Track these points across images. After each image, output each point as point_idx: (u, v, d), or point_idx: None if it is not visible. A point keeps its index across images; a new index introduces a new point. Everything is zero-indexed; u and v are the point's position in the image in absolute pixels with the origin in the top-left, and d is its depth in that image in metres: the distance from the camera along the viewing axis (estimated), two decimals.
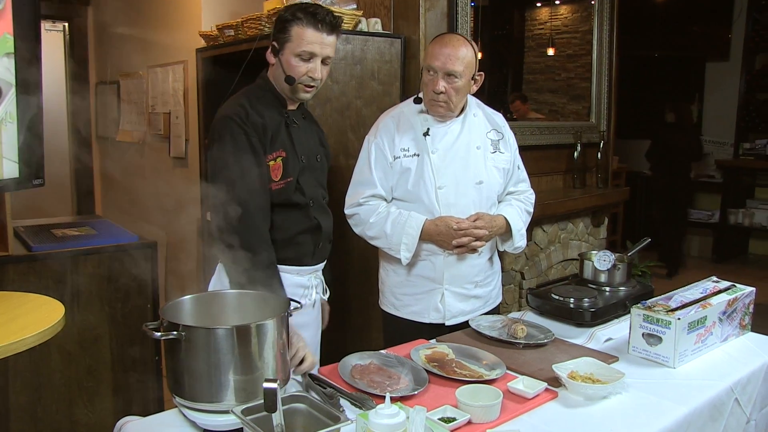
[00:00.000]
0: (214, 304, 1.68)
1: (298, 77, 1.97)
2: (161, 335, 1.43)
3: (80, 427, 2.41)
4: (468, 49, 2.15)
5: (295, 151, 2.01)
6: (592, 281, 2.41)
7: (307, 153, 2.06)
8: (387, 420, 1.21)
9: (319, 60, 1.97)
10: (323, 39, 1.96)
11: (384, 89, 3.08)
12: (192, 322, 1.61)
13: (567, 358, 1.84)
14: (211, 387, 1.42)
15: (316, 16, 1.94)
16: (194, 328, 1.44)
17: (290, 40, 1.95)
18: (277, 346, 1.48)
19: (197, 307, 1.65)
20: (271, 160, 1.96)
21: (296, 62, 1.96)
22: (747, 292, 2.14)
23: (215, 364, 1.42)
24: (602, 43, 4.26)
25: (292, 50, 1.95)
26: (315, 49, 1.95)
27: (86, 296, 2.37)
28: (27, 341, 1.46)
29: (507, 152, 2.33)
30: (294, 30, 1.95)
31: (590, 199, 3.95)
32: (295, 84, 1.98)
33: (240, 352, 1.42)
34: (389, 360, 1.82)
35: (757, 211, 6.94)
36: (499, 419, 1.52)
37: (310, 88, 2.01)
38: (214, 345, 1.41)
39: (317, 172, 2.11)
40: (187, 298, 1.65)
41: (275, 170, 1.97)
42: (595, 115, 4.29)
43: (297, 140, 2.03)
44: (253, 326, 1.45)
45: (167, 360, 1.50)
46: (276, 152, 1.97)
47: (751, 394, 1.88)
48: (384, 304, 2.41)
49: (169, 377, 1.51)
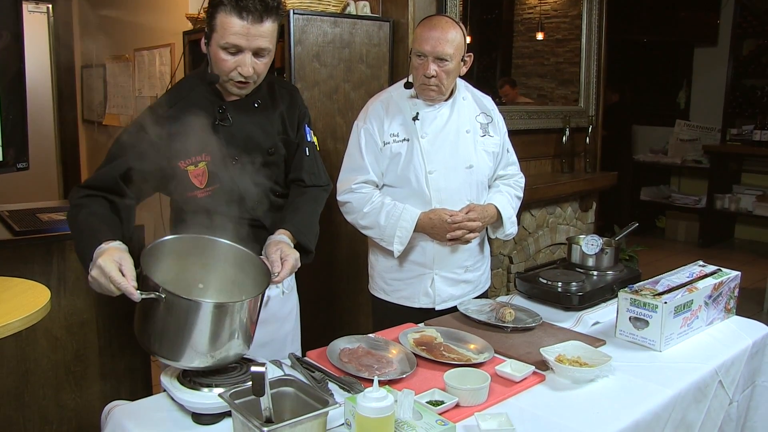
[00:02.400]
0: (196, 249, 1.66)
1: (226, 74, 1.73)
2: (141, 293, 1.43)
3: (68, 412, 2.40)
4: (457, 31, 2.13)
5: (224, 154, 1.78)
6: (580, 265, 2.42)
7: (248, 150, 1.84)
8: (375, 403, 1.21)
9: (249, 54, 1.71)
10: (250, 30, 1.68)
11: (372, 73, 3.06)
12: (169, 272, 1.60)
13: (554, 341, 1.85)
14: (181, 348, 1.45)
15: (239, 1, 1.66)
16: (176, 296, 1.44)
17: (215, 29, 1.70)
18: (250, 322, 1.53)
19: (178, 252, 1.63)
20: (189, 165, 1.76)
21: (223, 56, 1.71)
22: (732, 277, 2.16)
23: (188, 329, 1.44)
24: (591, 28, 4.26)
25: (218, 42, 1.70)
26: (240, 42, 1.69)
27: (73, 281, 2.35)
28: (12, 326, 1.44)
29: (496, 136, 2.33)
30: (219, 18, 1.69)
31: (578, 183, 3.97)
32: (221, 81, 1.76)
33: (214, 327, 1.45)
34: (378, 344, 1.82)
35: (743, 196, 6.99)
36: (486, 402, 1.53)
37: (243, 84, 1.76)
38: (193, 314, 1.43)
39: (269, 168, 1.90)
40: (169, 239, 1.62)
41: (197, 176, 1.77)
42: (583, 100, 4.30)
43: (229, 140, 1.81)
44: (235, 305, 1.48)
45: (140, 308, 1.50)
46: (196, 157, 1.76)
47: (734, 376, 1.90)
48: (374, 289, 2.41)
49: (138, 326, 1.53)
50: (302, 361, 1.73)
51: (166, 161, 1.73)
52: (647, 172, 7.65)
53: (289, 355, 1.77)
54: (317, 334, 2.23)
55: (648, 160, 7.68)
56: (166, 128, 1.71)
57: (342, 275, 3.12)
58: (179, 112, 1.75)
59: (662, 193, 7.70)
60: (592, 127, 4.23)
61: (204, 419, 1.44)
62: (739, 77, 7.11)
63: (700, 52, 7.63)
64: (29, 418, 2.32)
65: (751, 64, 7.04)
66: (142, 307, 1.49)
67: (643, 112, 7.87)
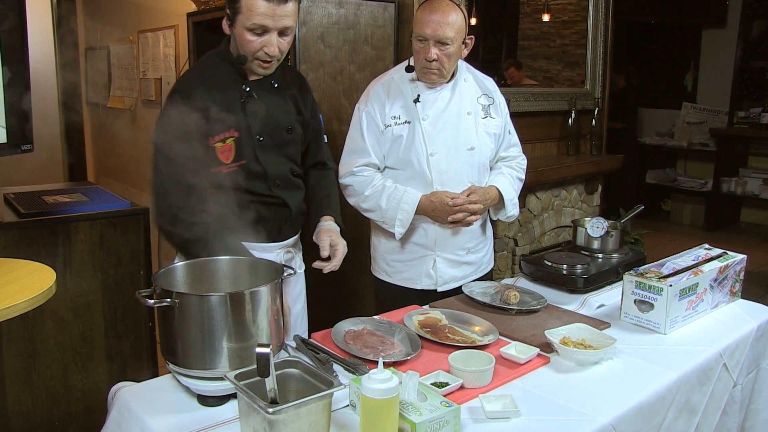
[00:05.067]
0: (207, 270, 1.67)
1: (252, 54, 1.80)
2: (154, 302, 1.42)
3: (75, 393, 2.42)
4: (457, 13, 2.11)
5: (250, 131, 1.87)
6: (585, 248, 2.41)
7: (270, 129, 1.91)
8: (380, 385, 1.21)
9: (275, 33, 1.78)
10: (276, 10, 1.75)
11: (377, 54, 3.04)
12: (185, 288, 1.60)
13: (559, 324, 1.85)
14: (204, 354, 1.42)
15: None
16: (187, 295, 1.44)
17: (241, 11, 1.76)
18: (270, 313, 1.48)
19: (190, 274, 1.64)
20: (218, 142, 1.81)
21: (249, 37, 1.77)
22: (738, 260, 2.15)
23: (209, 331, 1.41)
24: (598, 9, 4.21)
25: (243, 23, 1.77)
26: (267, 23, 1.75)
27: (78, 263, 2.36)
28: (18, 307, 1.45)
29: (498, 117, 2.31)
30: (244, 1, 1.75)
31: (584, 166, 3.95)
32: (248, 62, 1.82)
33: (234, 319, 1.42)
34: (382, 325, 1.83)
35: (749, 179, 6.95)
36: (491, 384, 1.54)
37: (268, 63, 1.83)
38: (208, 312, 1.41)
39: (287, 147, 1.97)
40: (180, 265, 1.64)
41: (224, 152, 1.82)
42: (589, 82, 4.26)
43: (254, 117, 1.87)
44: (246, 293, 1.44)
45: (161, 327, 1.50)
46: (225, 133, 1.82)
47: (738, 359, 1.90)
48: (376, 270, 2.41)
49: (162, 344, 1.51)
50: (307, 343, 1.74)
51: (198, 141, 1.77)
52: (653, 155, 7.61)
53: (294, 337, 1.77)
54: (322, 316, 2.24)
55: (654, 143, 7.63)
56: (197, 108, 1.76)
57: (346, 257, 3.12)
58: (207, 91, 1.81)
59: (668, 176, 7.66)
60: (598, 109, 4.20)
61: (210, 401, 1.44)
62: (748, 59, 7.03)
63: (708, 33, 7.55)
64: (37, 398, 2.34)
65: (760, 46, 6.95)
66: (163, 325, 1.48)
67: (650, 94, 7.81)
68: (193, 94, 1.80)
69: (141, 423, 1.40)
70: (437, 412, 1.29)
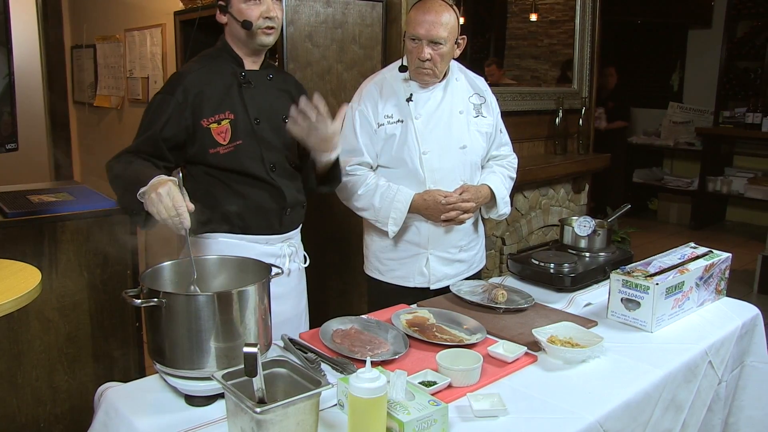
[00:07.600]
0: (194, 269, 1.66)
1: (255, 20, 1.89)
2: (141, 302, 1.42)
3: (61, 394, 2.40)
4: (450, 13, 2.12)
5: (247, 112, 1.94)
6: (572, 247, 2.43)
7: (266, 114, 1.98)
8: (368, 384, 1.21)
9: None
10: None
11: (365, 53, 3.04)
12: (172, 288, 1.60)
13: (547, 322, 1.86)
14: (191, 354, 1.42)
15: None
16: (175, 295, 1.43)
17: None
18: (258, 312, 1.48)
19: (177, 273, 1.63)
20: (213, 123, 1.89)
21: (247, 7, 1.89)
22: (723, 258, 2.17)
23: (196, 330, 1.41)
24: (585, 9, 4.23)
25: None
26: None
27: (64, 262, 2.34)
28: (3, 307, 1.44)
29: (489, 116, 2.33)
30: None
31: (571, 165, 3.97)
32: (254, 29, 1.90)
33: (221, 319, 1.42)
34: (370, 325, 1.83)
35: (735, 178, 7.01)
36: (479, 383, 1.54)
37: (270, 29, 1.93)
38: (195, 312, 1.40)
39: (284, 133, 2.01)
40: (166, 264, 1.63)
41: (220, 133, 1.90)
42: (577, 82, 4.28)
43: (251, 101, 1.95)
44: (234, 293, 1.44)
45: (148, 327, 1.49)
46: (220, 114, 1.90)
47: (723, 356, 1.92)
48: (369, 269, 2.42)
49: (149, 344, 1.50)
50: (295, 342, 1.73)
51: (192, 120, 1.88)
52: (640, 154, 7.65)
53: (282, 336, 1.77)
54: (310, 316, 2.24)
55: (641, 142, 7.68)
56: (193, 87, 1.88)
57: (335, 256, 3.12)
58: (205, 73, 1.92)
59: (655, 175, 7.71)
60: (586, 108, 4.22)
61: (197, 401, 1.44)
62: (733, 59, 7.09)
63: (694, 33, 7.60)
64: (22, 399, 2.32)
65: (745, 47, 7.01)
66: (150, 325, 1.47)
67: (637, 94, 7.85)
68: (191, 76, 1.90)
69: (128, 423, 1.40)
70: (425, 410, 1.29)
